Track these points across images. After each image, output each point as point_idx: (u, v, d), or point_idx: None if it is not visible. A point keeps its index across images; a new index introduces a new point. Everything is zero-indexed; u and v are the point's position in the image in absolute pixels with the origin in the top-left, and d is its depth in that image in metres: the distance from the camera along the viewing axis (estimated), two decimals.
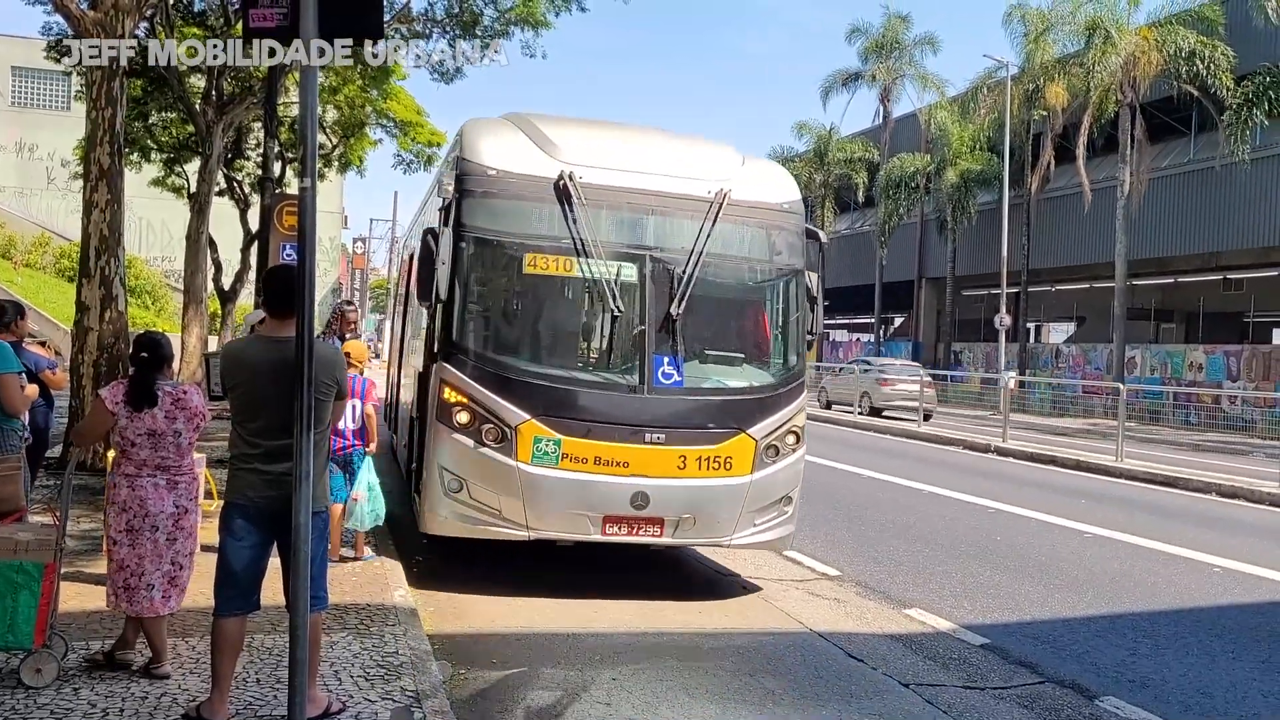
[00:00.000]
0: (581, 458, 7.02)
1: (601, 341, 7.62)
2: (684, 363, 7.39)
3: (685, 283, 7.36)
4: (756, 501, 7.49)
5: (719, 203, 7.50)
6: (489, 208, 7.33)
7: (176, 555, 4.94)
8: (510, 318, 7.82)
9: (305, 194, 3.93)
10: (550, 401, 7.11)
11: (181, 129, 22.36)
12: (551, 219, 7.29)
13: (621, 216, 7.47)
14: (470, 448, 7.04)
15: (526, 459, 6.99)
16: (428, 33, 18.33)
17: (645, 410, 7.19)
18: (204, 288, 19.83)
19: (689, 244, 7.44)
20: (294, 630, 3.98)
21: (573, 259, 7.32)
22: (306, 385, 3.91)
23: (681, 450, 7.21)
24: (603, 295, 7.36)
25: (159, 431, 4.85)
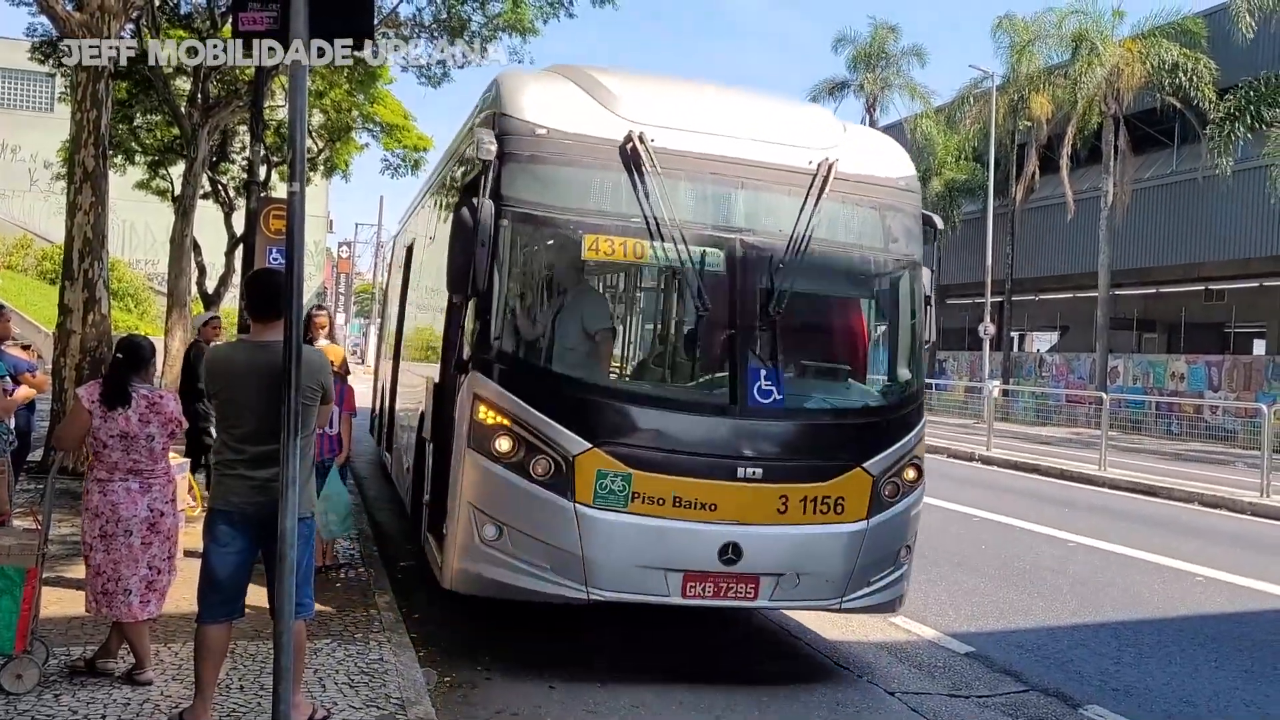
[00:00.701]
0: (657, 498, 5.56)
1: (681, 348, 6.38)
2: (784, 377, 5.93)
3: (785, 275, 5.89)
4: (873, 553, 6.00)
5: (824, 175, 6.02)
6: (537, 176, 5.81)
7: (153, 560, 4.90)
8: (565, 317, 6.16)
9: (294, 198, 3.92)
10: (618, 425, 5.67)
11: (166, 131, 22.25)
12: (616, 191, 5.82)
13: (704, 189, 5.97)
14: (513, 484, 5.53)
15: (587, 499, 5.50)
16: (415, 37, 18.31)
17: (738, 437, 5.75)
18: (188, 291, 19.71)
19: (788, 226, 5.96)
20: (278, 637, 3.96)
21: (644, 242, 5.85)
22: (294, 390, 3.89)
23: (783, 489, 5.74)
24: (682, 289, 6.11)
25: (131, 434, 4.81)
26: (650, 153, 5.76)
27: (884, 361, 6.73)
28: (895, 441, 6.10)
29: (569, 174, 5.87)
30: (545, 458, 5.52)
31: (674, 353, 6.52)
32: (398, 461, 10.26)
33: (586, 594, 5.57)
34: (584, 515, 5.52)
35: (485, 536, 5.65)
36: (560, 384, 5.81)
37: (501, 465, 5.56)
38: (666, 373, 6.47)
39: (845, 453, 5.96)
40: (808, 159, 6.09)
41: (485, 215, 5.57)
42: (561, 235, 6.08)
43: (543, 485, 5.51)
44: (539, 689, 5.63)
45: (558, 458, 5.52)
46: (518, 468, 5.54)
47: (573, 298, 6.32)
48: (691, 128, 6.00)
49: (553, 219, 5.94)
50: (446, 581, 5.95)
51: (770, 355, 5.86)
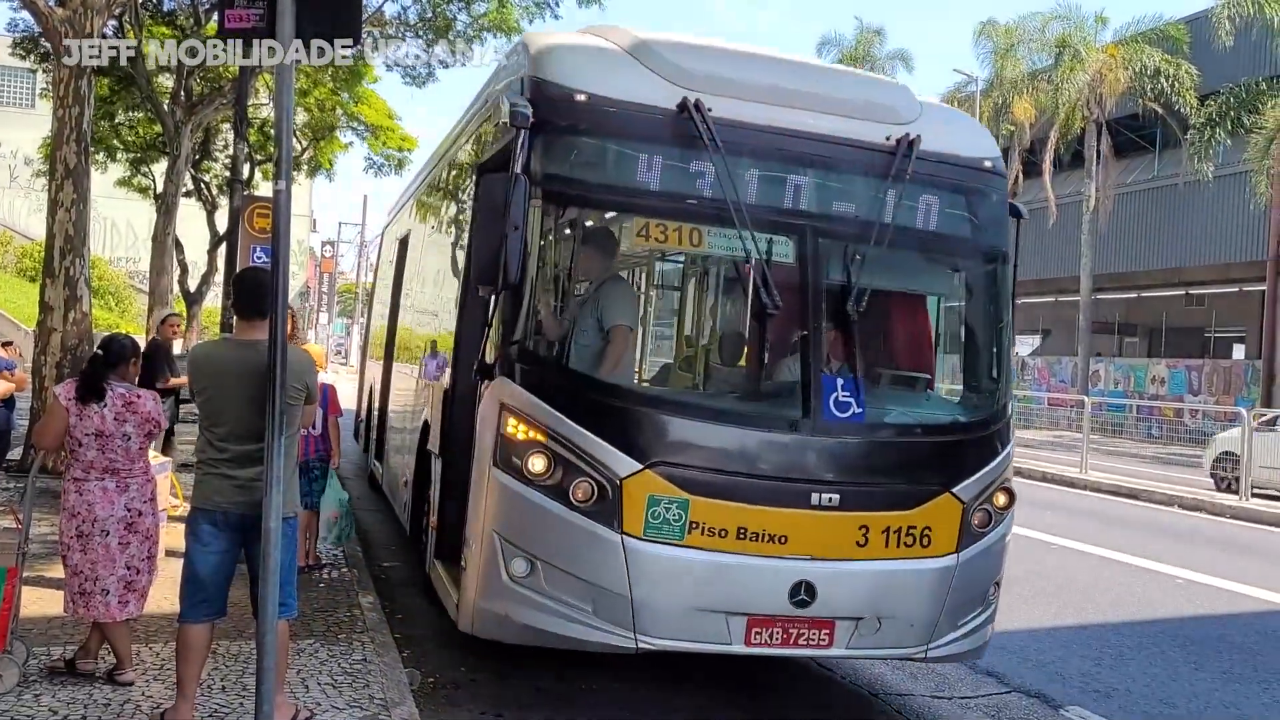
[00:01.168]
0: (719, 529, 4.79)
1: (745, 352, 5.53)
2: (864, 387, 5.13)
3: (864, 268, 5.15)
4: (962, 592, 5.25)
5: (904, 153, 5.23)
6: (576, 149, 5.07)
7: (131, 560, 4.85)
8: (610, 315, 5.57)
9: (280, 196, 3.90)
10: (673, 442, 4.89)
11: (149, 129, 22.17)
12: (669, 167, 5.03)
13: (769, 166, 5.17)
14: (548, 510, 4.77)
15: (637, 529, 4.74)
16: (401, 36, 18.28)
17: (812, 457, 4.99)
18: (170, 289, 19.63)
19: (865, 210, 5.23)
20: (261, 637, 3.94)
21: (701, 228, 5.16)
22: (279, 389, 3.87)
23: (862, 518, 4.97)
24: (745, 283, 5.21)
25: (107, 433, 4.76)
26: (709, 122, 4.93)
27: (971, 370, 5.88)
28: (987, 462, 5.34)
29: (613, 147, 5.09)
30: (587, 480, 4.74)
31: (736, 358, 5.67)
32: (391, 474, 9.47)
33: (634, 642, 4.82)
34: (633, 549, 4.75)
35: (514, 572, 4.87)
36: (605, 393, 5.04)
37: (535, 488, 4.79)
38: (728, 381, 5.64)
39: (932, 475, 5.21)
40: (884, 134, 5.28)
41: (518, 195, 4.73)
42: (606, 219, 5.42)
43: (584, 513, 4.75)
44: (525, 690, 5.62)
45: (602, 480, 4.74)
46: (554, 492, 4.77)
47: (619, 293, 5.65)
48: (752, 96, 5.16)
49: (596, 199, 5.25)
50: (465, 623, 5.18)
51: (848, 362, 5.13)
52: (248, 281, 4.55)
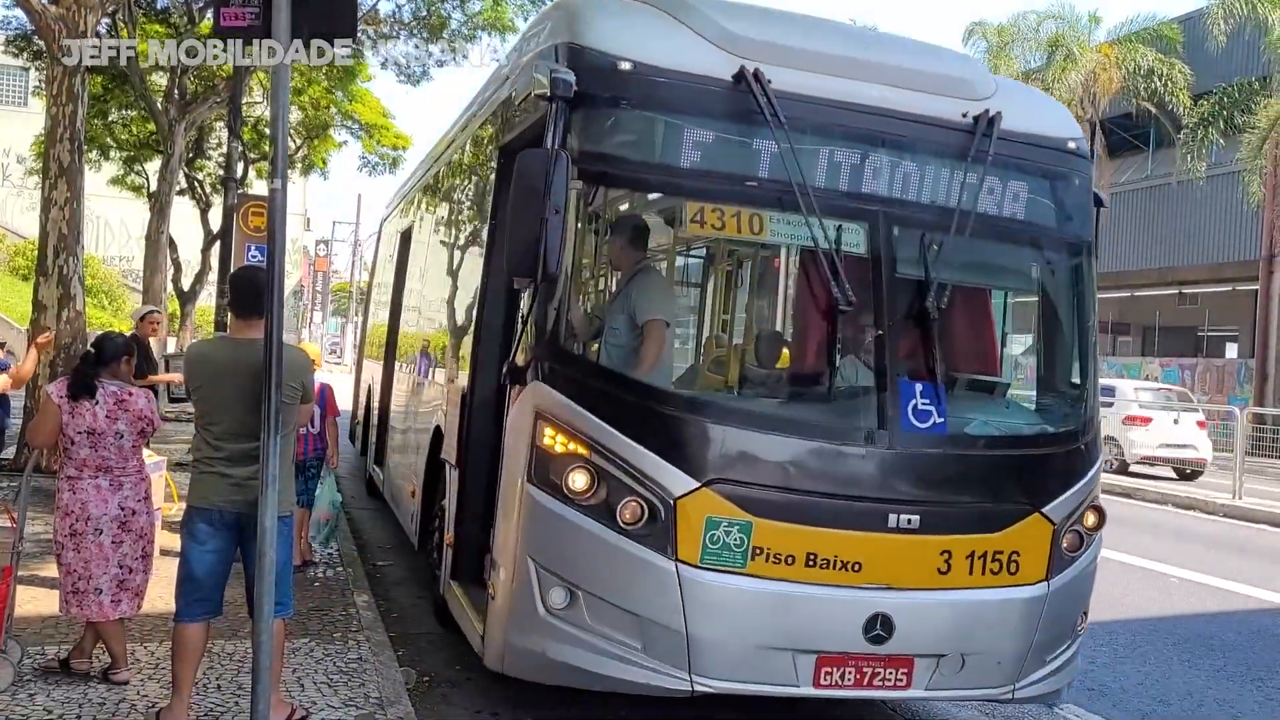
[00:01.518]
0: (785, 555, 4.29)
1: (813, 354, 4.96)
2: (945, 394, 4.63)
3: (945, 259, 4.66)
4: (1052, 625, 4.76)
5: (985, 131, 4.74)
6: (621, 124, 4.56)
7: (124, 559, 4.84)
8: (660, 311, 5.09)
9: (275, 195, 3.90)
10: (735, 457, 4.38)
11: (142, 127, 22.13)
12: (725, 145, 4.55)
13: (838, 146, 4.63)
14: (592, 533, 4.28)
15: (692, 556, 4.23)
16: (395, 35, 18.28)
17: (890, 473, 4.48)
18: (163, 288, 19.59)
19: (943, 195, 4.73)
20: (257, 636, 3.94)
21: (763, 214, 4.62)
22: (275, 388, 3.87)
23: (945, 541, 4.48)
24: (813, 276, 4.72)
25: (98, 431, 4.76)
26: (770, 95, 4.42)
27: (1056, 375, 5.43)
28: (1078, 478, 4.84)
29: (662, 122, 4.55)
30: (636, 500, 4.24)
31: (804, 361, 5.05)
32: (395, 481, 8.91)
33: (689, 684, 4.32)
34: (688, 578, 4.24)
35: (551, 603, 4.37)
36: (656, 400, 4.50)
37: (575, 508, 4.29)
38: (796, 387, 5.03)
39: (1021, 494, 4.71)
40: (961, 110, 4.79)
41: (559, 175, 4.20)
42: (655, 203, 4.99)
43: (632, 536, 4.25)
44: (520, 688, 5.62)
45: (654, 500, 4.23)
46: (598, 512, 4.27)
47: (653, 285, 5.19)
48: (814, 66, 4.67)
49: (644, 180, 4.76)
50: (494, 660, 4.70)
51: (928, 366, 4.59)
52: (244, 280, 4.56)
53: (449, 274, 7.53)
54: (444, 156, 8.67)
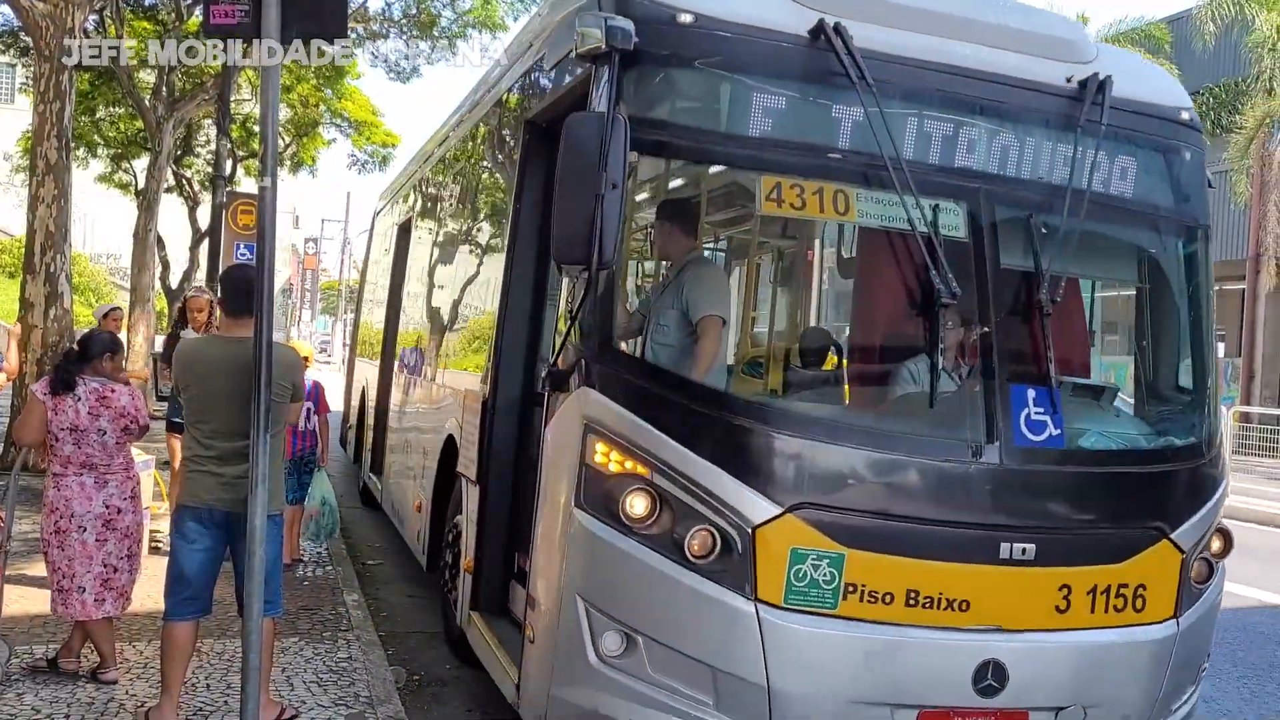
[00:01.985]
0: (882, 593, 3.67)
1: (908, 355, 4.16)
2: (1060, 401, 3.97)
3: (1058, 246, 4.06)
4: (1181, 669, 4.18)
5: (1095, 99, 4.12)
6: (681, 87, 3.97)
7: (109, 557, 4.81)
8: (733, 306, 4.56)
9: (265, 193, 3.89)
10: (824, 476, 3.75)
11: (130, 124, 22.03)
12: (802, 112, 3.95)
13: (932, 112, 4.01)
14: (654, 569, 3.66)
15: (776, 595, 3.62)
16: (385, 33, 18.24)
17: (1001, 494, 3.84)
18: (151, 286, 19.51)
19: (1052, 170, 4.14)
20: (247, 635, 3.93)
21: (848, 191, 3.94)
22: (265, 386, 3.86)
23: (1063, 574, 3.86)
24: (908, 265, 3.97)
25: (81, 427, 4.74)
26: (854, 52, 3.80)
27: (1173, 378, 4.75)
28: (1206, 498, 4.22)
29: (729, 83, 3.94)
30: (707, 528, 3.62)
31: (898, 364, 4.24)
32: (397, 494, 8.27)
33: None
34: (771, 622, 3.61)
35: (605, 650, 3.76)
36: (731, 411, 3.85)
37: (634, 538, 3.67)
38: (890, 394, 4.23)
39: (1146, 517, 4.08)
40: (1065, 74, 4.17)
41: (617, 142, 3.56)
42: (723, 178, 4.41)
43: (703, 572, 3.63)
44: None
45: (728, 528, 3.62)
46: (661, 543, 3.65)
47: (709, 276, 4.54)
48: (901, 22, 4.06)
49: (708, 151, 4.12)
50: (532, 713, 4.10)
51: (1040, 368, 3.96)
52: (235, 279, 4.55)
53: (461, 267, 6.93)
54: (451, 140, 8.02)
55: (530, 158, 4.94)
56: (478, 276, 6.24)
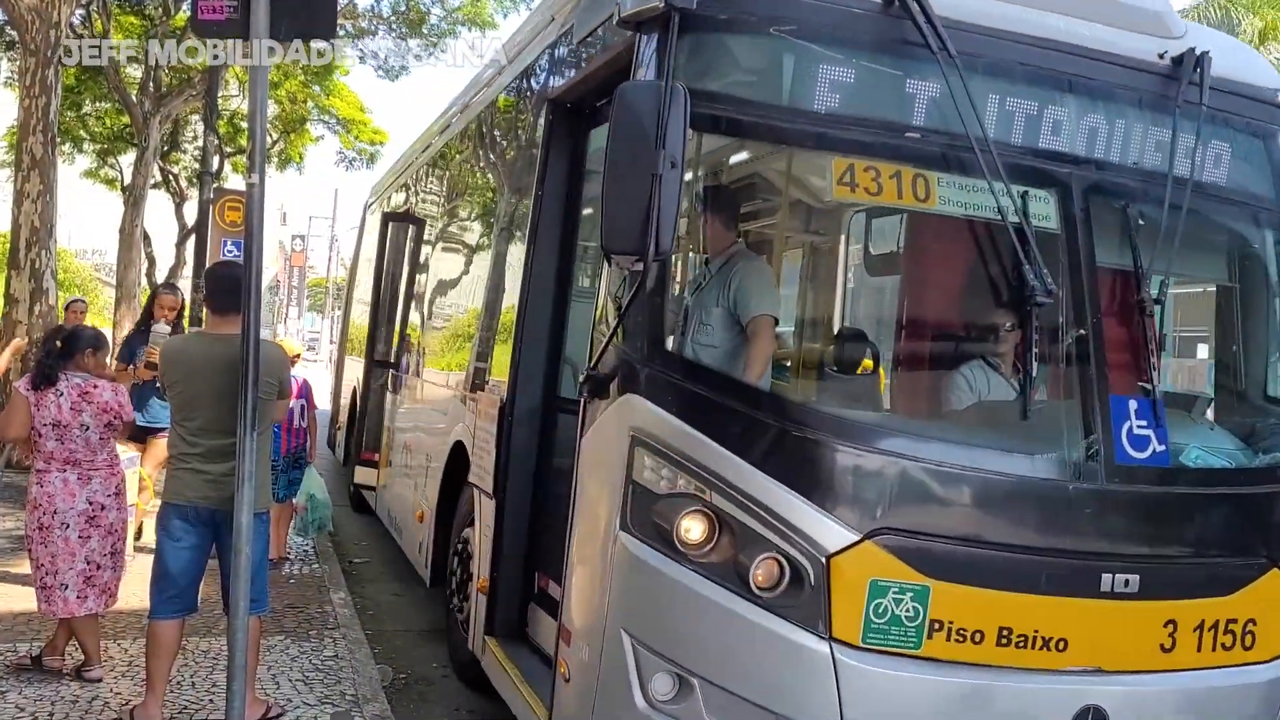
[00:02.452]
0: (972, 631, 3.26)
1: (999, 363, 3.81)
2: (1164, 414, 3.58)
3: (1158, 240, 3.66)
4: None
5: (1192, 77, 3.73)
6: (741, 56, 3.57)
7: (92, 554, 4.79)
8: (802, 302, 4.35)
9: (253, 190, 3.87)
10: (906, 498, 3.34)
11: (116, 119, 21.90)
12: (876, 86, 3.55)
13: (1017, 88, 3.62)
14: (713, 602, 3.26)
15: (853, 633, 3.21)
16: (374, 30, 18.19)
17: (1102, 519, 3.44)
18: (137, 283, 19.41)
19: (1149, 155, 3.75)
20: (233, 634, 3.92)
21: (928, 175, 3.52)
22: (252, 385, 3.85)
23: (1169, 608, 3.47)
24: (996, 259, 3.65)
25: (64, 423, 4.72)
26: (934, 21, 3.39)
27: (1264, 387, 4.32)
28: None
29: (798, 53, 3.49)
30: (774, 556, 3.22)
31: (986, 371, 3.84)
32: (394, 502, 7.88)
33: None
34: (847, 664, 3.19)
35: (654, 693, 3.35)
36: (802, 423, 3.39)
37: (689, 566, 3.27)
38: (976, 406, 3.80)
39: (1255, 543, 3.68)
40: (1157, 49, 3.77)
41: (675, 116, 3.14)
42: (789, 158, 3.91)
43: (769, 607, 3.22)
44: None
45: (798, 556, 3.21)
46: (721, 572, 3.25)
47: (758, 272, 4.06)
48: None
49: (770, 128, 3.58)
50: None
51: (1143, 377, 3.59)
52: (221, 276, 4.55)
53: (471, 261, 6.46)
54: (455, 126, 7.55)
55: (554, 141, 4.53)
56: (491, 271, 5.79)
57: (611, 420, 3.57)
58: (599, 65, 4.09)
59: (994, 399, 3.78)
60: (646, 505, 3.37)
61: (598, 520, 3.57)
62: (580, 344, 4.32)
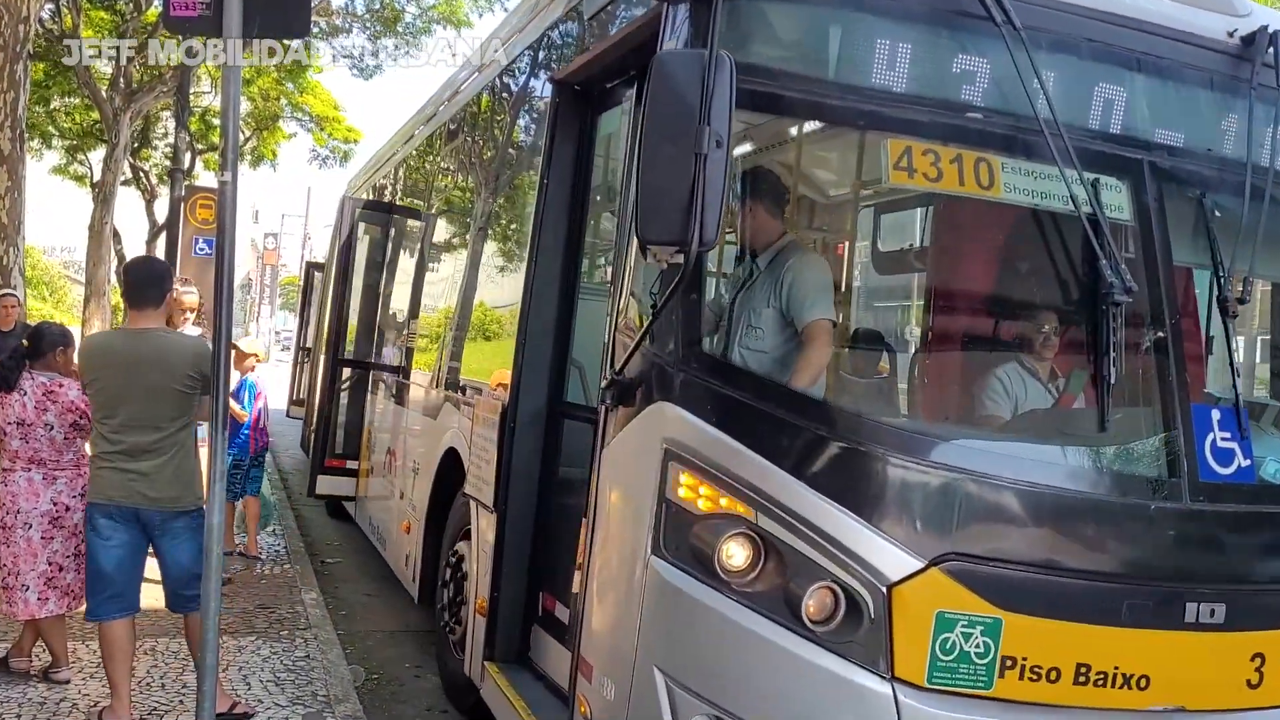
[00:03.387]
0: (1047, 668, 2.95)
1: (1065, 365, 3.53)
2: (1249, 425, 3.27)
3: (1241, 234, 3.32)
4: None
5: (1265, 58, 3.39)
6: (785, 26, 3.27)
7: (54, 555, 4.68)
8: (856, 300, 4.12)
9: (226, 188, 3.85)
10: (975, 520, 3.03)
11: (85, 115, 21.68)
12: (934, 62, 3.20)
13: (1085, 68, 3.32)
14: (759, 636, 2.94)
15: (917, 673, 2.90)
16: (348, 27, 18.10)
17: (1186, 543, 3.16)
18: (106, 280, 19.20)
19: (1224, 140, 3.45)
20: (205, 634, 3.89)
21: (991, 159, 3.19)
22: (222, 385, 3.83)
23: (1257, 640, 3.17)
24: (1059, 252, 3.36)
25: (28, 422, 4.65)
26: None
27: None
28: None
29: (844, 25, 3.22)
30: (828, 586, 2.91)
31: (1055, 377, 3.55)
32: (376, 512, 7.56)
33: None
34: (912, 708, 2.88)
35: None
36: (860, 436, 3.05)
37: (732, 595, 2.95)
38: (1047, 416, 3.51)
39: None
40: (1227, 28, 3.44)
41: (721, 89, 2.78)
42: (841, 139, 3.67)
43: (823, 642, 2.91)
44: None
45: (856, 586, 2.89)
46: (768, 602, 2.94)
47: (813, 267, 3.70)
48: None
49: (821, 106, 3.30)
50: None
51: (1227, 384, 3.33)
52: (137, 271, 4.60)
53: (465, 255, 6.07)
54: (443, 114, 7.20)
55: (560, 125, 4.23)
56: (488, 267, 5.49)
57: (640, 431, 3.23)
58: (613, 42, 3.80)
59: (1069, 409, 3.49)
60: (682, 527, 3.03)
61: (623, 542, 3.25)
62: (588, 345, 4.10)
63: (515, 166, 5.40)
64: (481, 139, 6.41)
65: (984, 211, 3.45)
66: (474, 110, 6.50)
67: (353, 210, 9.49)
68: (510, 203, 5.40)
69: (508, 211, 5.44)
